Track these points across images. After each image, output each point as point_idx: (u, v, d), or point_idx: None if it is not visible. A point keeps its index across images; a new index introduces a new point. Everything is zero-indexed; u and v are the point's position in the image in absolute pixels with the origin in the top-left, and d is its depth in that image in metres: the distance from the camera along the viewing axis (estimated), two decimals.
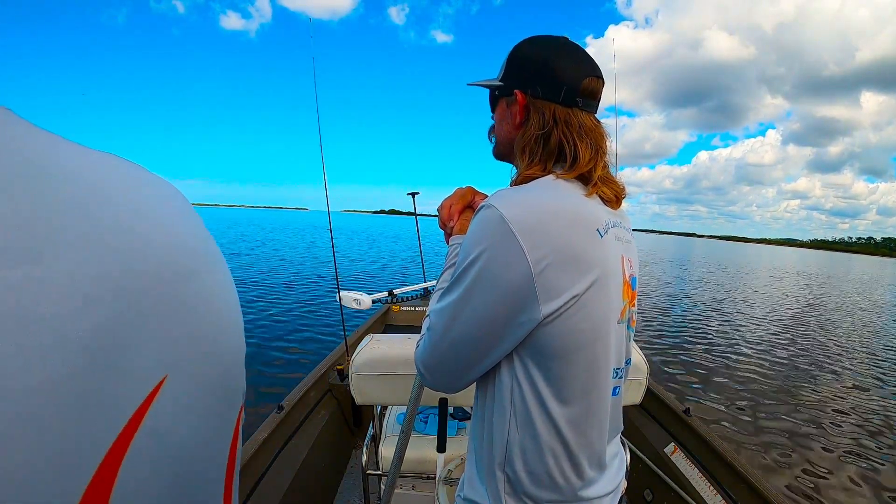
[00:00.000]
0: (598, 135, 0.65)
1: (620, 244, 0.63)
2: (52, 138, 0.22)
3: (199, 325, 0.25)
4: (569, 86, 0.63)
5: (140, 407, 0.21)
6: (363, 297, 2.11)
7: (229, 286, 0.28)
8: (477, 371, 0.61)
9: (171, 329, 0.23)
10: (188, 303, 0.24)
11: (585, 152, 0.63)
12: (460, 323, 0.58)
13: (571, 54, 0.65)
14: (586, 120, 0.65)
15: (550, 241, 0.54)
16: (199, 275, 0.25)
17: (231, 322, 0.28)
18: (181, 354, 0.23)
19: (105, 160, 0.24)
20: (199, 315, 0.25)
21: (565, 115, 0.64)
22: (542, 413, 0.58)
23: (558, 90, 0.63)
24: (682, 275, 21.18)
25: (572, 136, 0.63)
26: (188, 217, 0.27)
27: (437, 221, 0.85)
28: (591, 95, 0.65)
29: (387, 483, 1.07)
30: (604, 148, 0.66)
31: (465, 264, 0.57)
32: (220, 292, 0.27)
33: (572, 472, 0.61)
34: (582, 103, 0.64)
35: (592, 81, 0.65)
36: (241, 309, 0.30)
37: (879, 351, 7.93)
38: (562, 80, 0.63)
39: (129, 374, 0.20)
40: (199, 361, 0.24)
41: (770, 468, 3.37)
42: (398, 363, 1.20)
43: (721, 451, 1.78)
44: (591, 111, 0.66)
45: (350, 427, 2.42)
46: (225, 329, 0.27)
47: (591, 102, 0.66)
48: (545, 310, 0.54)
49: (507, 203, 0.56)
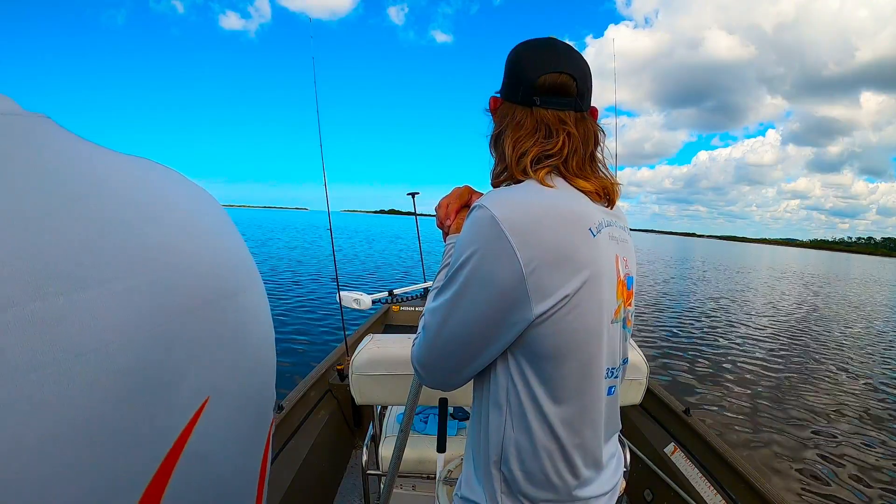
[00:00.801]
0: (559, 130, 0.62)
1: (615, 243, 0.63)
2: (92, 149, 0.21)
3: (239, 345, 0.24)
4: (525, 84, 0.63)
5: (183, 431, 0.21)
6: (363, 297, 2.11)
7: (265, 302, 0.28)
8: (472, 369, 0.61)
9: (214, 350, 0.22)
10: (230, 323, 0.24)
11: (524, 142, 0.62)
12: (453, 322, 0.58)
13: (539, 51, 0.64)
14: (548, 117, 0.63)
15: (542, 241, 0.54)
16: (241, 293, 0.25)
17: (266, 336, 0.27)
18: (223, 375, 0.23)
19: (145, 170, 0.23)
20: (240, 334, 0.24)
21: (522, 116, 0.63)
22: (536, 412, 0.59)
23: (517, 90, 0.64)
24: (682, 275, 21.18)
25: (514, 135, 0.63)
26: (229, 231, 0.26)
27: (436, 221, 0.86)
28: (550, 91, 0.63)
29: (385, 483, 1.07)
30: (560, 139, 0.62)
31: (457, 264, 0.58)
32: (257, 309, 0.26)
33: (567, 471, 0.61)
34: (540, 101, 0.63)
35: (552, 76, 0.62)
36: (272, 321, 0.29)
37: (880, 351, 7.93)
38: (521, 78, 0.63)
39: (174, 399, 0.20)
40: (239, 381, 0.24)
41: (770, 468, 3.37)
42: (398, 363, 1.20)
43: (721, 451, 1.78)
44: (558, 109, 0.63)
45: (350, 427, 2.42)
46: (261, 346, 0.27)
47: (553, 99, 0.63)
48: (537, 309, 0.55)
49: (498, 203, 0.56)
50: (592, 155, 0.66)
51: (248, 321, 0.25)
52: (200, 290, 0.22)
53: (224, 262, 0.24)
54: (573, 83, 0.63)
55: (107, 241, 0.19)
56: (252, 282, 0.26)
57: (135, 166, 0.23)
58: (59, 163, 0.19)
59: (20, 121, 0.19)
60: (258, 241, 24.24)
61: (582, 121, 0.65)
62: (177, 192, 0.24)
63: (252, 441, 0.26)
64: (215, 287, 0.23)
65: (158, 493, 0.20)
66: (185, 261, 0.21)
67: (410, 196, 2.90)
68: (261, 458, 0.28)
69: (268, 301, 0.29)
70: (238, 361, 0.24)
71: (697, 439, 1.92)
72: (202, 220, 0.24)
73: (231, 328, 0.23)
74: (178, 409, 0.20)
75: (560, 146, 0.62)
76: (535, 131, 0.63)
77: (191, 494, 0.22)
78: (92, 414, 0.17)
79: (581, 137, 0.64)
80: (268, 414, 0.28)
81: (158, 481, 0.20)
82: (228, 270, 0.24)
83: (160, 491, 0.20)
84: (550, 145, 0.62)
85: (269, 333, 0.28)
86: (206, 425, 0.22)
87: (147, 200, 0.21)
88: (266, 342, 0.27)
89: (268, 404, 0.28)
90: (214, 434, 0.22)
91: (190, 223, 0.23)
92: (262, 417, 0.27)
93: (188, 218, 0.23)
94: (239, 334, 0.24)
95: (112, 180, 0.21)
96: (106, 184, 0.20)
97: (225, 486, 0.24)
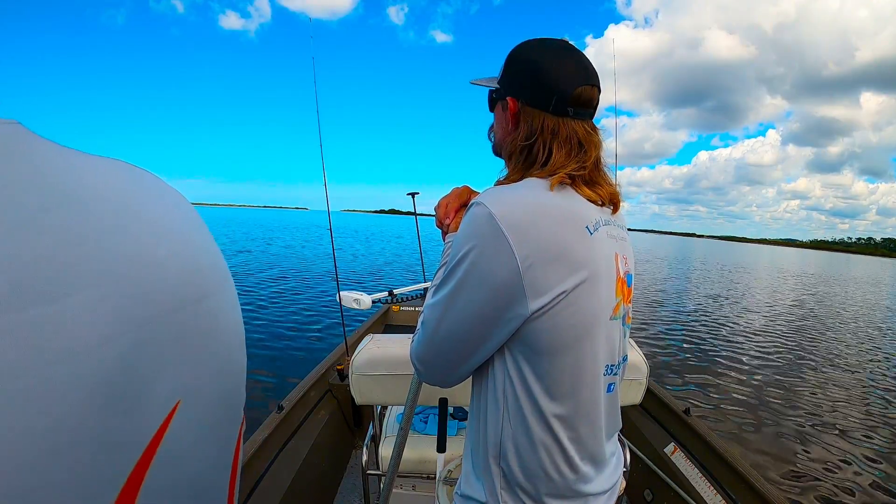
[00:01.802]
0: (589, 142, 0.65)
1: (614, 242, 0.63)
2: (64, 154, 0.21)
3: (210, 347, 0.24)
4: (560, 94, 0.63)
5: (156, 434, 0.21)
6: (363, 297, 2.11)
7: (235, 303, 0.28)
8: (469, 365, 0.62)
9: (185, 353, 0.23)
10: (201, 325, 0.24)
11: (560, 157, 0.63)
12: (451, 318, 0.59)
13: (566, 61, 0.64)
14: (578, 128, 0.64)
15: (538, 238, 0.55)
16: (210, 296, 0.25)
17: (237, 338, 0.28)
18: (194, 378, 0.23)
19: (116, 174, 0.23)
20: (211, 336, 0.25)
21: (554, 125, 0.64)
22: (532, 408, 0.59)
23: (549, 99, 0.63)
24: (682, 275, 21.19)
25: (551, 145, 0.63)
26: (200, 233, 0.26)
27: (435, 221, 0.86)
28: (583, 104, 0.64)
29: (385, 482, 1.07)
30: (592, 154, 0.64)
31: (455, 261, 0.58)
32: (228, 310, 0.27)
33: (566, 466, 0.61)
34: (573, 112, 0.64)
35: (586, 90, 0.64)
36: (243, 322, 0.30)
37: (881, 350, 7.93)
38: (553, 88, 0.63)
39: (146, 403, 0.20)
40: (210, 383, 0.24)
41: (770, 468, 3.37)
42: (398, 363, 1.20)
43: (721, 451, 1.78)
44: (583, 119, 0.65)
45: (350, 427, 2.42)
46: (232, 347, 0.27)
47: (584, 111, 0.65)
48: (533, 305, 0.55)
49: (496, 200, 0.57)
50: (599, 159, 0.66)
51: (218, 323, 0.25)
52: (170, 295, 0.22)
53: (193, 266, 0.24)
54: (598, 95, 0.66)
55: (77, 251, 0.19)
56: (222, 284, 0.26)
57: (106, 170, 0.23)
58: (30, 172, 0.19)
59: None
60: (261, 241, 24.25)
61: (596, 129, 0.67)
62: (148, 196, 0.24)
63: (223, 441, 0.27)
64: (185, 291, 0.23)
65: (132, 495, 0.20)
66: (155, 267, 0.22)
67: (410, 196, 2.90)
68: (232, 455, 0.28)
69: (238, 302, 0.29)
70: (208, 363, 0.24)
71: (697, 439, 1.92)
72: (172, 224, 0.24)
73: (201, 331, 0.24)
74: (150, 413, 0.21)
75: (593, 161, 0.64)
76: (568, 142, 0.64)
77: (164, 495, 0.22)
78: (66, 421, 0.17)
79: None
80: (238, 414, 0.28)
81: (132, 484, 0.20)
82: (198, 274, 0.24)
83: (134, 493, 0.20)
84: (586, 159, 0.63)
85: (240, 334, 0.28)
86: (179, 428, 0.22)
87: (117, 207, 0.22)
88: (236, 343, 0.27)
89: (238, 404, 0.28)
90: (187, 436, 0.23)
91: (159, 228, 0.23)
92: (233, 417, 0.27)
93: (158, 222, 0.23)
94: (209, 337, 0.24)
95: (83, 187, 0.21)
96: (76, 192, 0.20)
97: (198, 486, 0.25)
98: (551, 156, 0.63)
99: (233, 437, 0.28)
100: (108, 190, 0.22)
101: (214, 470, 0.26)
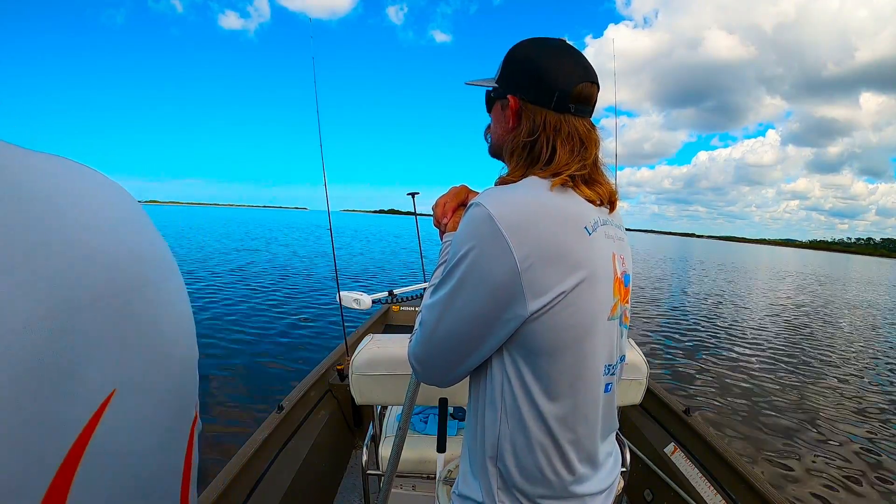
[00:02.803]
0: (590, 140, 0.65)
1: (612, 242, 0.64)
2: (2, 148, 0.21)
3: (149, 337, 0.24)
4: (561, 92, 0.63)
5: (88, 424, 0.20)
6: (363, 297, 2.11)
7: (181, 292, 0.28)
8: (467, 365, 0.62)
9: (120, 342, 0.22)
10: (138, 314, 0.23)
11: (564, 156, 0.63)
12: (449, 318, 0.59)
13: (566, 59, 0.65)
14: (579, 125, 0.65)
15: (537, 239, 0.55)
16: (150, 284, 0.24)
17: (183, 330, 0.27)
18: (131, 368, 0.23)
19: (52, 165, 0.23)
20: (150, 326, 0.24)
21: (556, 122, 0.64)
22: (530, 408, 0.59)
23: (550, 96, 0.64)
24: (682, 275, 21.19)
25: (554, 142, 0.64)
26: (140, 225, 0.26)
27: (433, 220, 0.86)
28: (584, 101, 0.65)
29: (384, 482, 1.07)
30: (592, 152, 0.65)
31: (454, 261, 0.58)
32: (171, 300, 0.26)
33: (563, 467, 0.61)
34: (574, 109, 0.64)
35: (586, 87, 0.64)
36: (192, 314, 0.29)
37: (881, 350, 7.94)
38: (554, 85, 0.63)
39: (77, 391, 0.20)
40: (149, 373, 0.24)
41: (770, 468, 3.37)
42: (398, 363, 1.20)
43: (721, 451, 1.78)
44: (584, 116, 0.66)
45: (350, 427, 2.42)
46: (177, 338, 0.26)
47: (585, 108, 0.65)
48: (532, 306, 0.55)
49: (495, 201, 0.57)
50: (598, 158, 0.67)
51: (159, 314, 0.25)
52: (102, 283, 0.22)
53: (130, 256, 0.24)
54: (597, 93, 0.67)
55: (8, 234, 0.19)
56: (165, 274, 0.26)
57: (45, 164, 0.23)
58: None
59: None
60: (263, 241, 24.24)
61: (594, 127, 0.68)
62: (84, 189, 0.24)
63: (170, 436, 0.26)
64: (119, 280, 0.23)
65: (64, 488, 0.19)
66: (87, 254, 0.21)
67: (410, 196, 2.90)
68: (183, 454, 0.27)
69: (186, 294, 0.28)
70: (147, 353, 0.24)
71: (697, 439, 1.92)
72: (109, 215, 0.24)
73: (138, 321, 0.23)
74: (80, 402, 0.20)
75: (593, 159, 0.65)
76: (570, 139, 0.64)
77: (100, 491, 0.21)
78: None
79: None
80: (189, 411, 0.28)
81: (63, 476, 0.19)
82: (135, 263, 0.24)
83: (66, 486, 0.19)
84: (587, 157, 0.64)
85: (187, 326, 0.28)
86: (114, 418, 0.21)
87: (50, 195, 0.21)
88: (182, 335, 0.27)
89: (188, 400, 0.27)
90: (123, 427, 0.22)
91: (94, 218, 0.23)
92: (182, 414, 0.27)
93: (92, 213, 0.23)
94: (148, 327, 0.24)
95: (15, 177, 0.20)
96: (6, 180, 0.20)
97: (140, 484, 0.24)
98: (555, 154, 0.63)
99: (182, 435, 0.27)
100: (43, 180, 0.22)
101: (161, 471, 0.26)
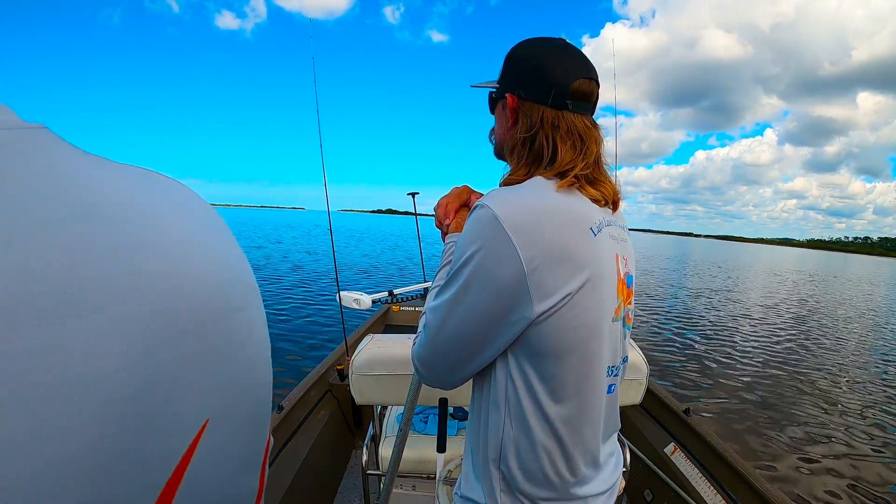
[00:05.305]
0: (590, 137, 0.64)
1: (615, 243, 0.63)
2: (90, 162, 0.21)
3: (237, 363, 0.24)
4: (558, 88, 0.63)
5: (184, 456, 0.20)
6: (363, 297, 2.11)
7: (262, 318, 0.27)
8: (472, 368, 0.61)
9: (214, 371, 0.22)
10: (230, 342, 0.23)
11: (566, 153, 0.62)
12: (454, 320, 0.58)
13: (563, 56, 0.64)
14: (577, 122, 0.64)
15: (543, 240, 0.55)
16: (238, 311, 0.24)
17: (263, 354, 0.27)
18: (221, 395, 0.22)
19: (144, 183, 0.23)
20: (238, 353, 0.24)
21: (553, 118, 0.63)
22: (535, 411, 0.59)
23: (547, 92, 0.63)
24: (681, 275, 21.20)
25: (554, 138, 0.63)
26: (229, 245, 0.25)
27: (435, 221, 0.86)
28: (582, 97, 0.64)
29: (385, 482, 1.07)
30: (594, 150, 0.64)
31: (459, 263, 0.58)
32: (254, 326, 0.26)
33: (566, 469, 0.61)
34: (572, 105, 0.64)
35: (584, 83, 0.64)
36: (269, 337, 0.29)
37: (881, 350, 7.94)
38: (551, 82, 0.63)
39: (174, 423, 0.20)
40: (237, 400, 0.24)
41: (770, 468, 3.38)
42: (398, 363, 1.20)
43: (721, 451, 1.78)
44: (583, 113, 0.65)
45: (350, 427, 2.42)
46: (259, 363, 0.26)
47: (584, 104, 0.65)
48: (538, 308, 0.55)
49: (500, 202, 0.56)
50: (600, 157, 0.66)
51: (246, 339, 0.24)
52: (198, 310, 0.21)
53: (222, 280, 0.23)
54: (597, 90, 0.66)
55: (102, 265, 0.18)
56: (250, 298, 0.26)
57: (133, 180, 0.22)
58: (53, 181, 0.18)
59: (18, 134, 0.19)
60: (266, 241, 24.21)
61: (596, 125, 0.67)
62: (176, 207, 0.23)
63: (251, 458, 0.26)
64: (213, 306, 0.22)
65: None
66: (183, 281, 0.21)
67: (410, 196, 2.90)
68: (259, 472, 0.27)
69: (265, 316, 0.28)
70: (236, 380, 0.24)
71: (697, 439, 1.92)
72: (200, 237, 0.23)
73: (228, 347, 0.23)
74: (178, 434, 0.20)
75: (594, 158, 0.64)
76: (570, 135, 0.63)
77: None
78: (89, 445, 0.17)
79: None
80: (263, 433, 0.27)
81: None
82: (227, 288, 0.23)
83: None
84: (588, 155, 0.63)
85: (266, 349, 0.27)
86: (207, 447, 0.21)
87: (145, 219, 0.21)
88: (262, 358, 0.27)
89: (264, 423, 0.27)
90: (215, 455, 0.22)
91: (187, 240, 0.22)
92: (260, 433, 0.27)
93: (185, 235, 0.23)
94: (237, 353, 0.24)
95: (108, 198, 0.20)
96: (101, 202, 0.20)
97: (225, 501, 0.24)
98: (557, 152, 0.63)
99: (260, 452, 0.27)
100: (136, 201, 0.21)
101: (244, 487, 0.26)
